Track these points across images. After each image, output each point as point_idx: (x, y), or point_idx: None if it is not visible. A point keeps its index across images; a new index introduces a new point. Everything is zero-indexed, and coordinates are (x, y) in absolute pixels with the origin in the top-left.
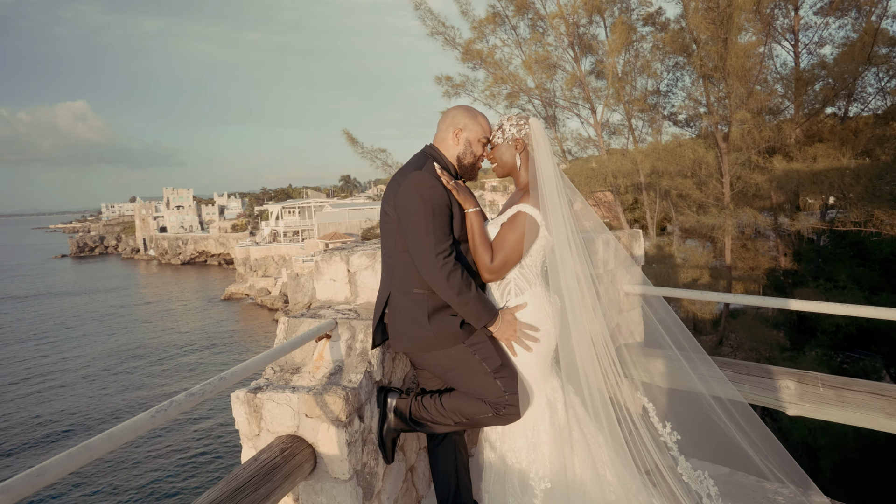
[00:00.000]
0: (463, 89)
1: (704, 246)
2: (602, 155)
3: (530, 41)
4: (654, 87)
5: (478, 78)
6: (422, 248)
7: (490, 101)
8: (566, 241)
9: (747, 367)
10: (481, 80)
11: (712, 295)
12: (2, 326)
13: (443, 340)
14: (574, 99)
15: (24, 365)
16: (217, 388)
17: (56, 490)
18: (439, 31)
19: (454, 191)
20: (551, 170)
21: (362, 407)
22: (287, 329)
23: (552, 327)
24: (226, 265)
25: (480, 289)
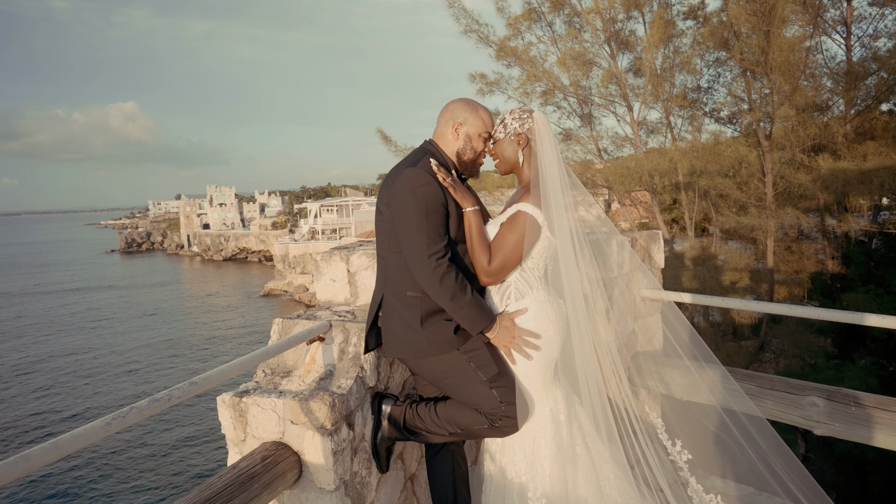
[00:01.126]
0: (497, 87)
1: (746, 248)
2: (639, 153)
3: (566, 38)
4: (693, 83)
5: (512, 75)
6: (414, 249)
7: (524, 99)
8: (570, 243)
9: (771, 380)
10: (515, 78)
11: (733, 302)
12: (55, 317)
13: (436, 346)
14: (610, 97)
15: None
16: (187, 394)
17: None
18: (472, 29)
19: (450, 188)
20: (555, 167)
21: (352, 414)
22: (281, 330)
23: (555, 334)
24: (265, 262)
25: (479, 292)
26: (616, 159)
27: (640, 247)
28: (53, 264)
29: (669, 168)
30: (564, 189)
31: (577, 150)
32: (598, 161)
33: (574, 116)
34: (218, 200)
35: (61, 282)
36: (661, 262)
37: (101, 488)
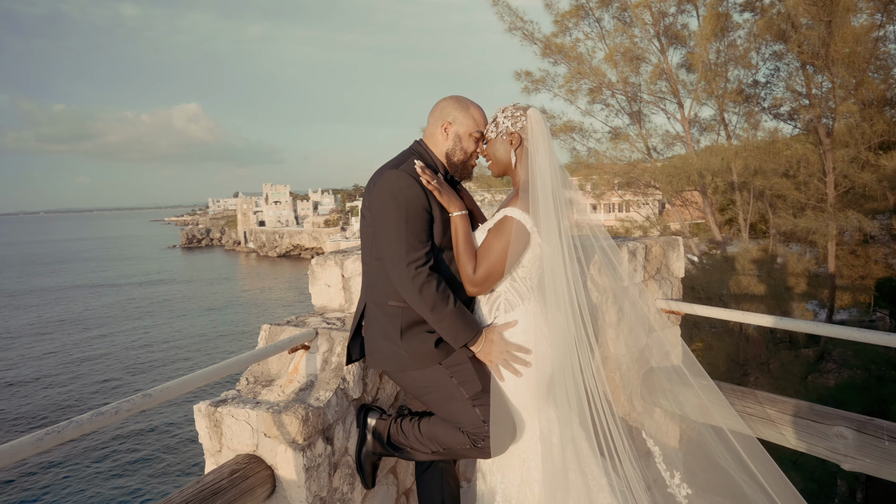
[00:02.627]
0: (543, 85)
1: (806, 251)
2: (689, 152)
3: (614, 33)
4: (749, 78)
5: (558, 73)
6: (393, 256)
7: (570, 97)
8: (559, 251)
9: (795, 406)
10: (562, 76)
11: (760, 318)
12: (120, 310)
13: (417, 360)
14: (660, 93)
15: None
16: (138, 406)
17: None
18: (517, 27)
19: (435, 191)
20: (547, 168)
21: (330, 428)
22: (268, 336)
23: (548, 349)
24: None
25: (467, 303)
26: (672, 158)
27: (656, 255)
28: (121, 259)
29: (722, 167)
30: (556, 193)
31: (624, 149)
32: (647, 160)
33: (622, 114)
34: (273, 198)
35: (127, 275)
36: (679, 270)
37: (74, 487)
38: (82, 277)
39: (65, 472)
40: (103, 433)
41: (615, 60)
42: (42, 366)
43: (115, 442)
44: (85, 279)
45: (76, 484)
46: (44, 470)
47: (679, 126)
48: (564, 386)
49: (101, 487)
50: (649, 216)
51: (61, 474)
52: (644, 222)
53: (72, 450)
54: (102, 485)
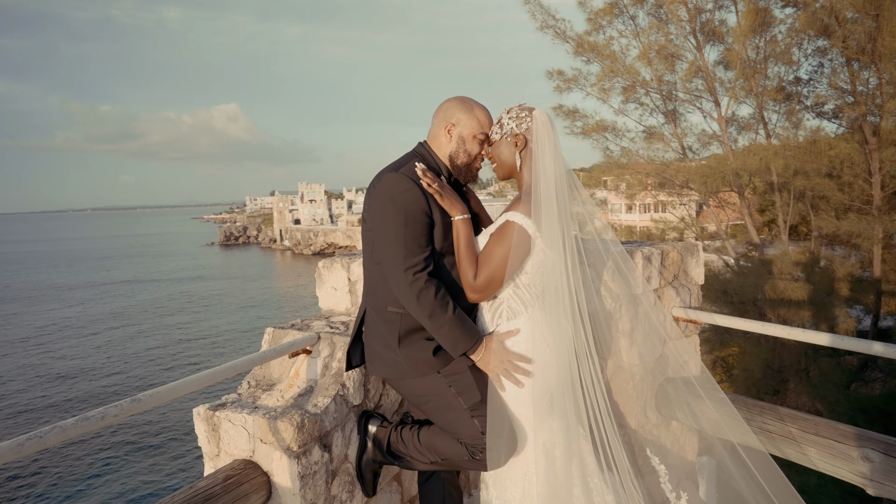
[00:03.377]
0: (575, 84)
1: (851, 254)
2: (726, 152)
3: (649, 30)
4: (791, 75)
5: (591, 72)
6: (391, 261)
7: (603, 96)
8: (561, 257)
9: (817, 424)
10: (594, 74)
11: (783, 330)
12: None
13: (414, 368)
14: (696, 91)
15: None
16: (126, 412)
17: None
18: (549, 25)
19: (436, 195)
20: (551, 171)
21: (328, 435)
22: (271, 339)
23: (552, 359)
24: None
25: (468, 309)
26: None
27: (673, 260)
28: (162, 255)
29: (761, 167)
30: (562, 197)
31: (658, 149)
32: (683, 160)
33: (657, 113)
34: (308, 197)
35: (168, 271)
36: (699, 277)
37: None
38: (125, 273)
39: (59, 470)
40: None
41: (649, 58)
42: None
43: (117, 439)
44: (128, 275)
45: (69, 484)
46: (37, 467)
47: (716, 125)
48: (570, 397)
49: (109, 485)
50: (684, 217)
51: (56, 472)
52: (679, 223)
53: (71, 447)
54: (108, 482)
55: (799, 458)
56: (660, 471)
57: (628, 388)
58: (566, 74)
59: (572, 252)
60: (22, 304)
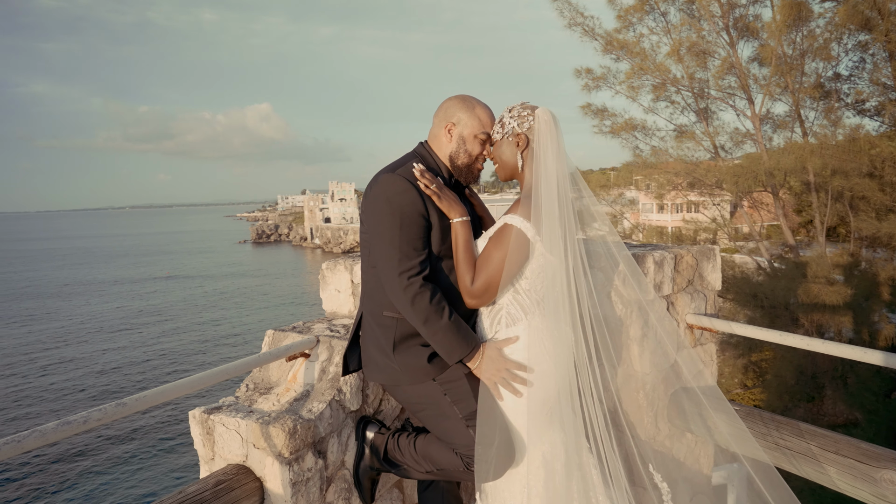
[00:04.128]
0: (604, 82)
1: (893, 257)
2: (760, 151)
3: (680, 27)
4: (829, 71)
5: (620, 70)
6: (386, 265)
7: (632, 94)
8: (562, 262)
9: (837, 442)
10: (623, 72)
11: (802, 340)
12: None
13: (409, 375)
14: (730, 89)
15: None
16: (110, 416)
17: None
18: (577, 22)
19: (434, 196)
20: (553, 173)
21: (323, 441)
22: (271, 342)
23: (552, 368)
24: None
25: (466, 316)
26: (745, 156)
27: (687, 265)
28: (196, 252)
29: (796, 167)
30: (563, 199)
31: (689, 148)
32: (715, 159)
33: (688, 111)
34: (339, 196)
35: (201, 268)
36: (715, 282)
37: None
38: (161, 269)
39: (54, 468)
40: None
41: (680, 55)
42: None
43: (125, 435)
44: (163, 271)
45: (61, 483)
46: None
47: (749, 123)
48: (572, 408)
49: (110, 484)
50: (716, 218)
51: (50, 470)
52: (710, 224)
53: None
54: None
55: (818, 476)
56: (662, 489)
57: (639, 398)
58: (595, 72)
59: (575, 256)
60: (62, 299)
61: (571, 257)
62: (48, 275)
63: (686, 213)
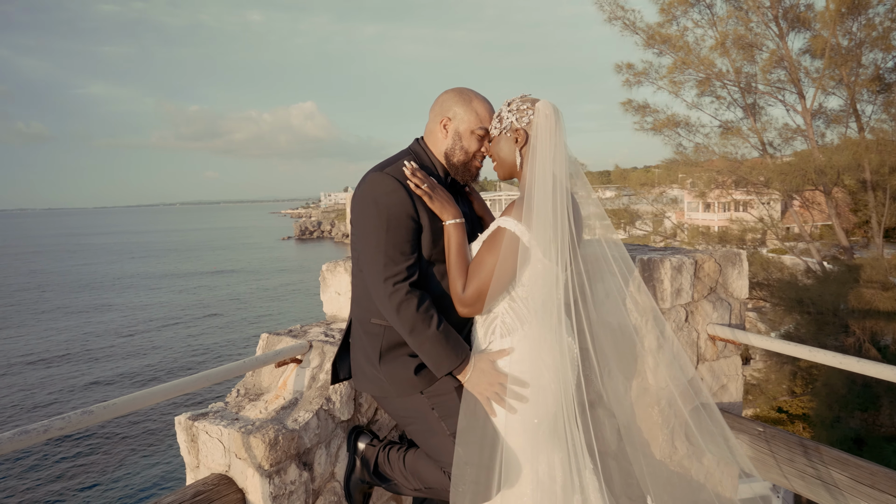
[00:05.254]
0: (646, 77)
1: None
2: (811, 147)
3: (727, 18)
4: (889, 62)
5: (663, 64)
6: (371, 270)
7: (674, 90)
8: (560, 268)
9: (872, 473)
10: (666, 67)
11: (824, 355)
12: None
13: (396, 386)
14: (779, 83)
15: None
16: (74, 425)
17: None
18: (618, 16)
19: (425, 197)
20: (549, 171)
21: (309, 452)
22: (266, 346)
23: (551, 383)
24: None
25: (458, 324)
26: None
27: (709, 271)
28: (241, 248)
29: (850, 164)
30: (560, 200)
31: (735, 144)
32: (763, 156)
33: (734, 107)
34: None
35: (247, 263)
36: (741, 290)
37: None
38: (208, 264)
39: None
40: None
41: (726, 48)
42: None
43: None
44: (210, 266)
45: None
46: None
47: (800, 119)
48: (573, 425)
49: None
50: (763, 217)
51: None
52: (757, 224)
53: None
54: None
55: None
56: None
57: (653, 414)
58: (636, 68)
59: (576, 261)
60: (116, 292)
61: (572, 262)
62: (103, 269)
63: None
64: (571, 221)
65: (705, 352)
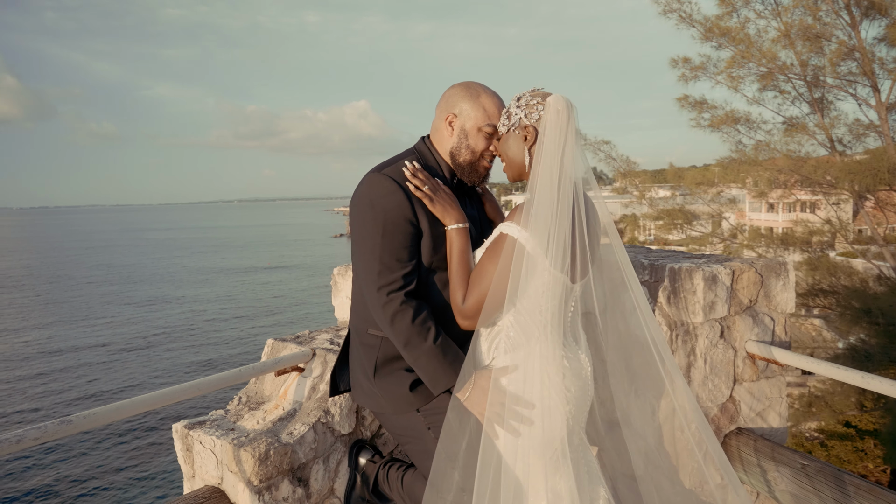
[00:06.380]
0: (703, 72)
1: None
2: (886, 144)
3: (792, 8)
4: None
5: (721, 58)
6: (366, 278)
7: (733, 84)
8: (569, 277)
9: None
10: (725, 61)
11: (879, 382)
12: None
13: (391, 403)
14: (850, 76)
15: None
16: (51, 435)
17: None
18: (673, 8)
19: (426, 200)
20: (556, 172)
21: (304, 467)
22: (270, 352)
23: (560, 404)
24: None
25: (458, 337)
26: (867, 151)
27: (748, 282)
28: (295, 244)
29: None
30: (570, 203)
31: (800, 142)
32: (831, 154)
33: (799, 102)
34: None
35: (300, 260)
36: (786, 304)
37: None
38: (263, 260)
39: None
40: None
41: (791, 39)
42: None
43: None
44: (264, 262)
45: None
46: None
47: (873, 113)
48: (583, 451)
49: None
50: (831, 219)
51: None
52: (824, 226)
53: None
54: None
55: None
56: None
57: (683, 438)
58: (693, 62)
59: (594, 271)
60: (175, 286)
61: (588, 271)
62: (165, 264)
63: (799, 213)
64: (584, 226)
65: (743, 372)
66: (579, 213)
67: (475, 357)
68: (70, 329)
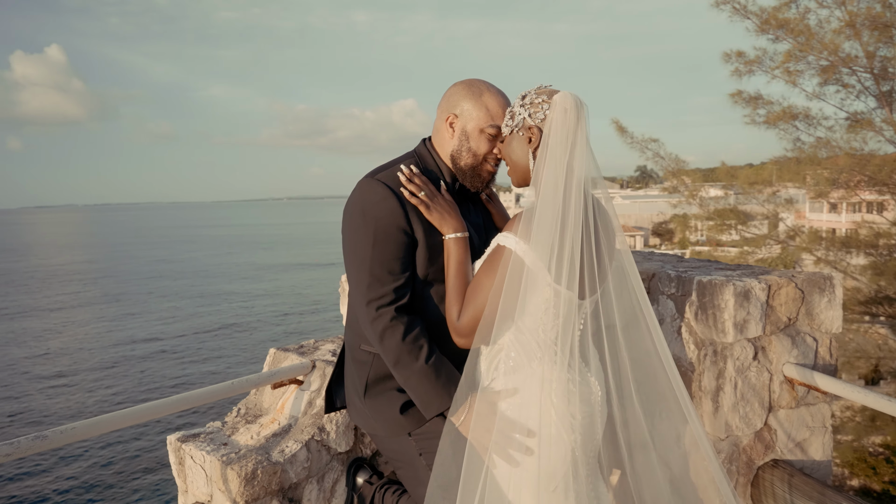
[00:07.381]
0: (758, 66)
1: None
2: None
3: None
4: None
5: (778, 51)
6: (355, 291)
7: (790, 79)
8: (576, 294)
9: None
10: (782, 54)
11: None
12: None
13: (382, 425)
14: None
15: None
16: (26, 450)
17: None
18: (726, 0)
19: (422, 207)
20: (563, 177)
21: (296, 487)
22: (272, 362)
23: (563, 433)
24: None
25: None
26: None
27: (787, 298)
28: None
29: None
30: (577, 210)
31: (864, 139)
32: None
33: (865, 96)
34: None
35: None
36: (831, 323)
37: None
38: (311, 257)
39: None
40: None
41: (857, 29)
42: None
43: None
44: (312, 258)
45: None
46: None
47: None
48: (589, 483)
49: None
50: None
51: None
52: (891, 228)
53: None
54: None
55: None
56: None
57: (711, 468)
58: (747, 55)
59: (593, 284)
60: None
61: (589, 286)
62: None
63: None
64: (593, 236)
65: (780, 397)
66: (587, 220)
67: (473, 378)
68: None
